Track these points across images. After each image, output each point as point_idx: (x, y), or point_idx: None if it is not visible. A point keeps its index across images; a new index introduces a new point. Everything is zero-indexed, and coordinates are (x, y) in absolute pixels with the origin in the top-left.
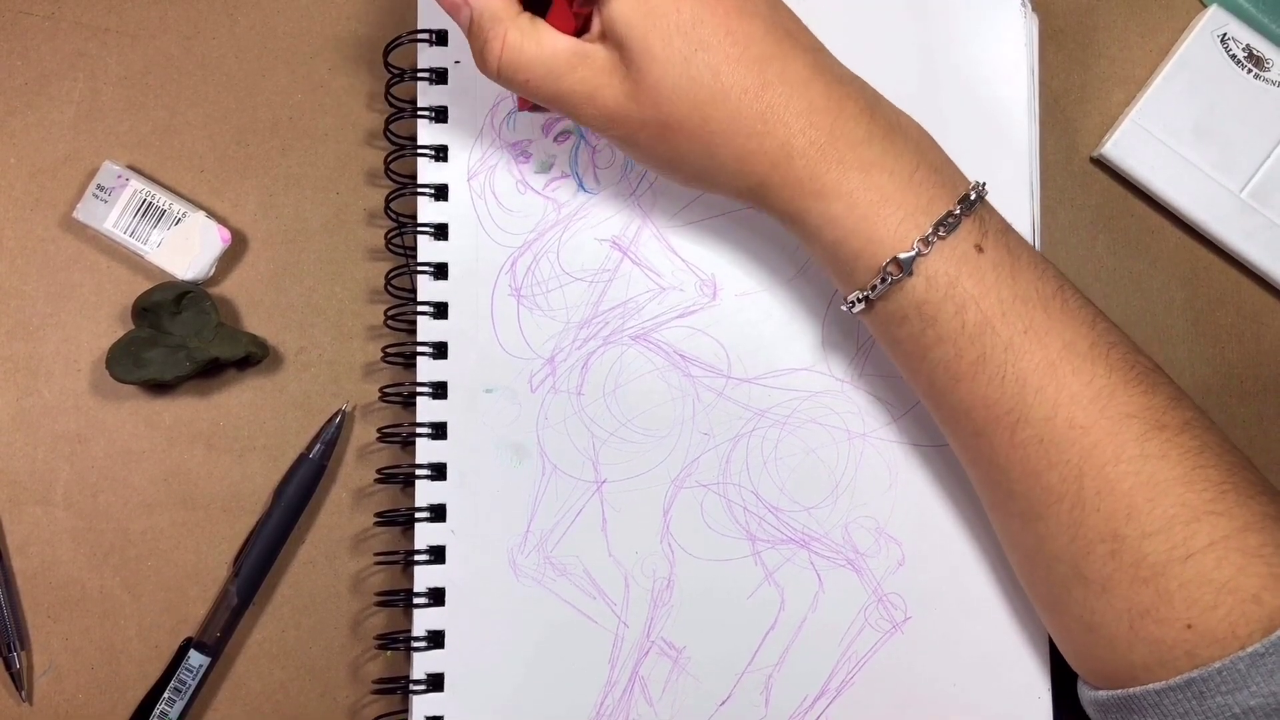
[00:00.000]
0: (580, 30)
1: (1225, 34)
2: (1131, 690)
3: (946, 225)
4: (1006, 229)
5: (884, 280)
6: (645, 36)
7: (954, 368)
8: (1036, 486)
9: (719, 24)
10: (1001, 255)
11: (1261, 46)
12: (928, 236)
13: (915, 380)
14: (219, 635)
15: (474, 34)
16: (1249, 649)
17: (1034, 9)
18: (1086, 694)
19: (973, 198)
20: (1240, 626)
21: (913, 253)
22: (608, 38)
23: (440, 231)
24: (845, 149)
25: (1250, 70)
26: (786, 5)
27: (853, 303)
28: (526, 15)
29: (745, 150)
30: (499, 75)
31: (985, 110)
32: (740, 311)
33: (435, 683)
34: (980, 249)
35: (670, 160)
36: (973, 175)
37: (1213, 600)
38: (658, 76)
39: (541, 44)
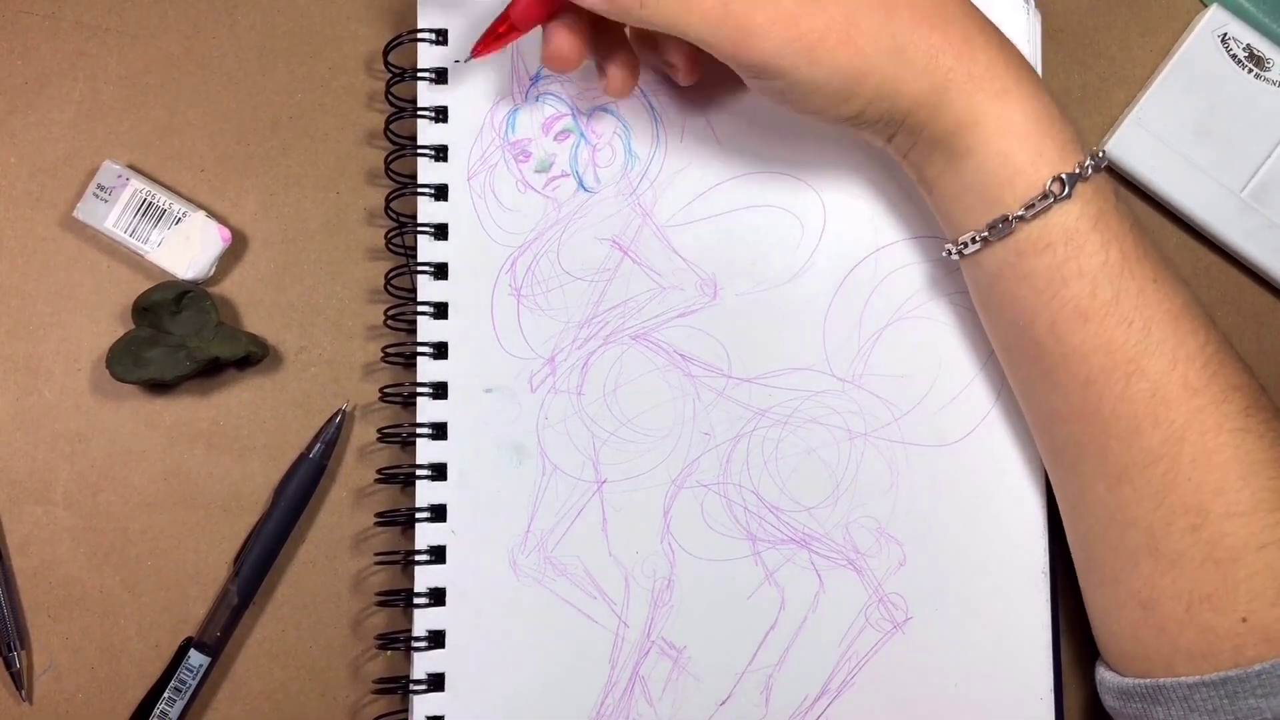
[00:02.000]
0: None
1: (1226, 34)
2: (1162, 681)
3: (1096, 161)
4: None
5: (1045, 198)
6: None
7: (1085, 306)
8: (1136, 445)
9: None
10: (1127, 208)
11: (1262, 46)
12: (1085, 164)
13: (1031, 324)
14: (219, 635)
15: None
16: None
17: (1035, 8)
18: (1108, 679)
19: (1100, 152)
20: None
21: (1076, 173)
22: None
23: (440, 231)
24: (1018, 64)
25: (1251, 70)
26: None
27: (996, 226)
28: None
29: (931, 42)
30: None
31: None
32: (741, 310)
33: (436, 682)
34: (1117, 194)
35: (854, 66)
36: None
37: (1275, 596)
38: None
39: None
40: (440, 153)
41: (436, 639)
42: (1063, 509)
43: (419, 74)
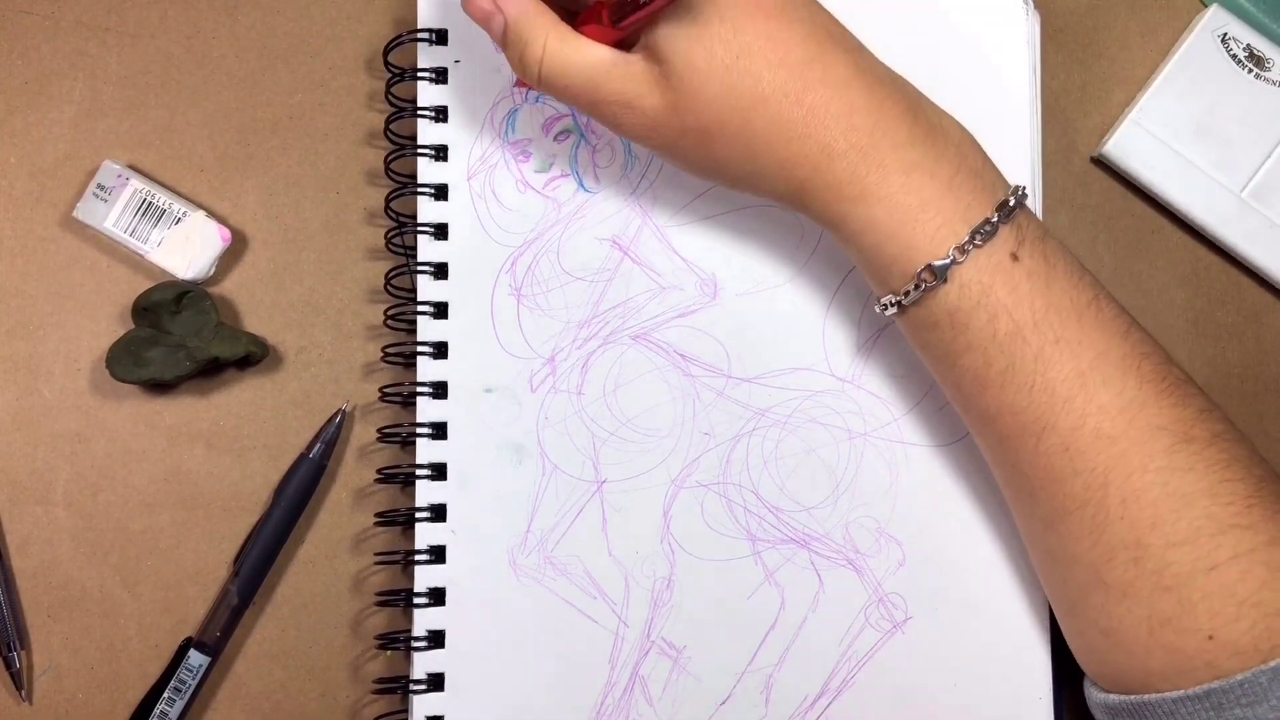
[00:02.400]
0: (616, 44)
1: (1226, 34)
2: (1146, 697)
3: (983, 233)
4: (1044, 235)
5: (918, 286)
6: (688, 50)
7: (982, 375)
8: (1060, 493)
9: (759, 30)
10: (1037, 264)
11: (1262, 46)
12: (964, 245)
13: (944, 383)
14: (219, 635)
15: (511, 42)
16: (1273, 663)
17: (1035, 8)
18: (1096, 696)
19: (1011, 204)
20: (1264, 640)
21: (948, 260)
22: (648, 50)
23: (440, 231)
24: (887, 151)
25: (1251, 70)
26: (825, 8)
27: (885, 305)
28: (564, 25)
29: (787, 154)
30: (540, 81)
31: (987, 109)
32: (740, 311)
33: (435, 682)
34: (1016, 257)
35: (712, 166)
36: None
37: (1235, 613)
38: (699, 85)
39: (582, 52)
40: (440, 152)
41: (436, 639)
42: (1022, 539)
43: (419, 74)
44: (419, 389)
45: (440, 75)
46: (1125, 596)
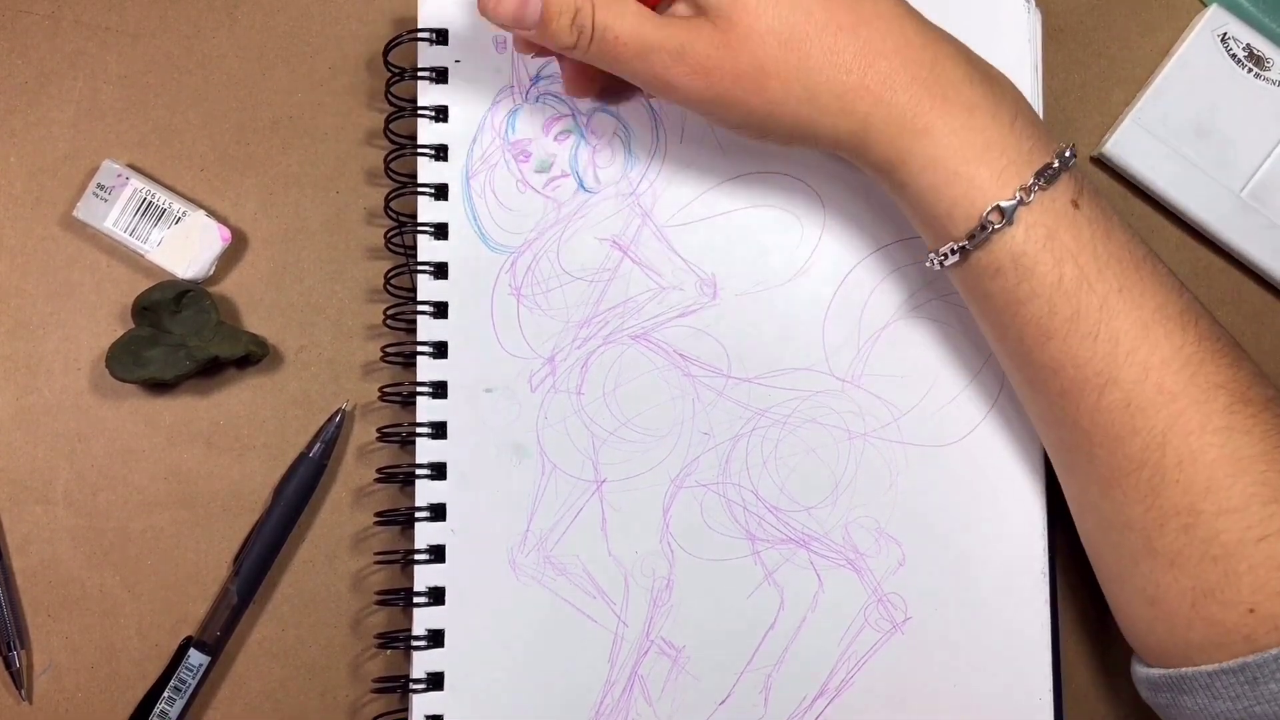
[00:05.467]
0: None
1: (1225, 33)
2: (1184, 670)
3: (1047, 176)
4: (1098, 190)
5: (984, 228)
6: None
7: (1046, 324)
8: (1119, 452)
9: None
10: (1096, 213)
11: (1262, 46)
12: (1030, 185)
13: (1003, 338)
14: (219, 634)
15: (554, 14)
16: None
17: (1035, 6)
18: (1139, 671)
19: (1069, 154)
20: None
21: (1014, 201)
22: (690, 6)
23: (440, 231)
24: (949, 86)
25: (1250, 70)
26: None
27: (946, 254)
28: None
29: (845, 86)
30: (593, 39)
31: None
32: (740, 311)
33: (435, 682)
34: (1077, 204)
35: (768, 111)
36: None
37: (1279, 586)
38: (750, 21)
39: (625, 7)
40: (440, 152)
41: (436, 638)
42: (1070, 507)
43: (419, 73)
44: (419, 389)
45: (440, 75)
46: (1173, 565)
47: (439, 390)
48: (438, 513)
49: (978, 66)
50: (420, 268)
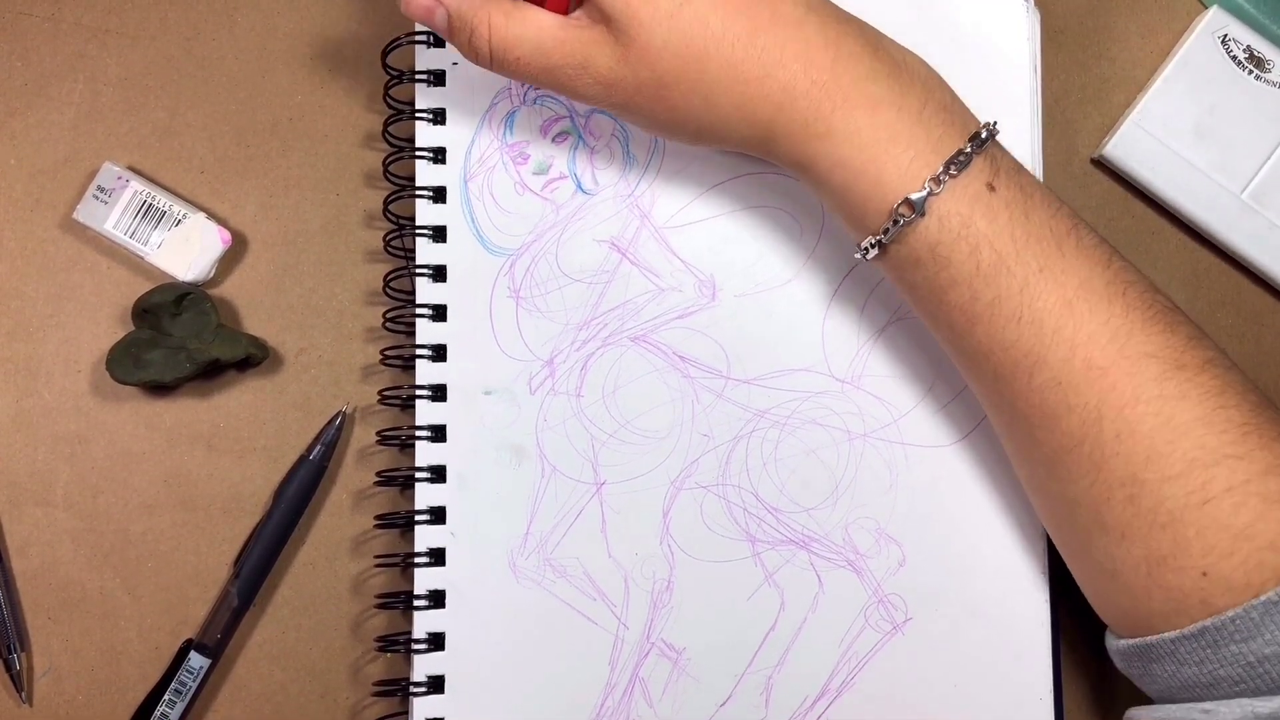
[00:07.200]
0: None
1: (1226, 35)
2: (1149, 639)
3: (958, 163)
4: (1018, 168)
5: (896, 223)
6: (629, 2)
7: (970, 310)
8: (1057, 431)
9: None
10: (1014, 194)
11: (1262, 47)
12: (939, 175)
13: (935, 326)
14: (219, 637)
15: (457, 29)
16: (1263, 597)
17: (1034, 7)
18: (1112, 643)
19: (984, 136)
20: (1255, 574)
21: (924, 192)
22: (593, 8)
23: (438, 234)
24: (849, 86)
25: (1251, 71)
26: None
27: (866, 249)
28: (505, 0)
29: (745, 97)
30: (492, 60)
31: (988, 109)
32: (740, 312)
33: (436, 685)
34: (992, 187)
35: (672, 120)
36: None
37: (1229, 547)
38: (647, 35)
39: (526, 23)
40: (438, 155)
41: (436, 641)
42: (1025, 490)
43: (417, 76)
44: (418, 391)
45: (438, 78)
46: (1124, 537)
47: (438, 393)
48: (437, 515)
49: (885, 58)
50: (419, 270)
